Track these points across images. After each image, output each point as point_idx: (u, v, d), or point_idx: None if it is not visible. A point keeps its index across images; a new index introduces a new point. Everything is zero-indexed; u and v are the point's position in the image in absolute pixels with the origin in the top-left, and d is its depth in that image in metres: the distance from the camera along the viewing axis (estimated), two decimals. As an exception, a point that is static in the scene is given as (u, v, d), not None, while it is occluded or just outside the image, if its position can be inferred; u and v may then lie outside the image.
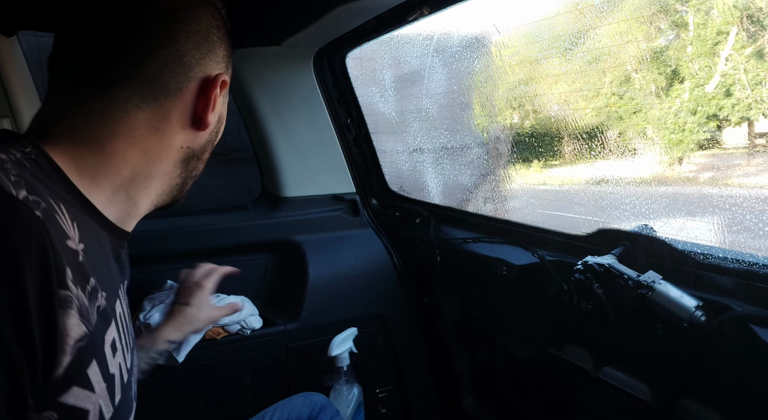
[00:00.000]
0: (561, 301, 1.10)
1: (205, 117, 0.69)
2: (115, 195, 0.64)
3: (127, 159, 0.65)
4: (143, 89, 0.65)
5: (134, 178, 0.66)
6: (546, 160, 1.56)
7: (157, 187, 0.69)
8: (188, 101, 0.68)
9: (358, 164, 1.78)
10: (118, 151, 0.64)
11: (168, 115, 0.67)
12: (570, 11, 1.31)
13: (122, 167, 0.64)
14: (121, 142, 0.64)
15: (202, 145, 0.72)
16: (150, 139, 0.66)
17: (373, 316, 1.63)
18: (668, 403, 0.96)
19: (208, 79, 0.69)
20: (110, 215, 0.64)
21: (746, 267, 0.88)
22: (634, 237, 1.06)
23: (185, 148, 0.70)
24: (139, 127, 0.65)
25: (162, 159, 0.68)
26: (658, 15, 1.19)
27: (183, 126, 0.68)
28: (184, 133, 0.69)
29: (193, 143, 0.71)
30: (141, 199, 0.68)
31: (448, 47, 1.69)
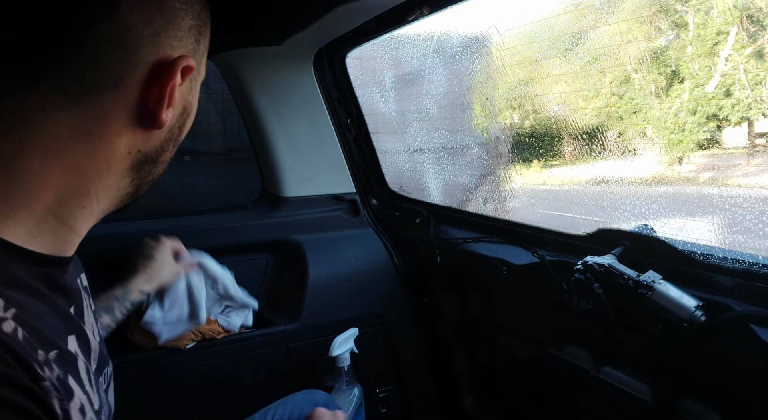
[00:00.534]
0: (561, 301, 1.10)
1: (159, 114, 0.52)
2: (40, 224, 0.49)
3: (47, 180, 0.48)
4: (67, 81, 0.48)
5: (64, 200, 0.50)
6: (546, 160, 1.56)
7: (98, 203, 0.53)
8: (134, 93, 0.51)
9: (358, 164, 1.79)
10: (32, 171, 0.47)
11: (105, 115, 0.50)
12: (570, 11, 1.31)
13: (42, 191, 0.48)
14: (36, 158, 0.47)
15: (157, 146, 0.56)
16: (79, 149, 0.49)
17: (373, 316, 1.63)
18: (668, 403, 0.96)
19: (164, 64, 0.51)
20: (39, 248, 0.49)
21: (746, 267, 0.88)
22: (634, 237, 1.06)
23: (134, 153, 0.54)
24: (62, 135, 0.48)
25: (100, 172, 0.51)
26: (658, 15, 1.19)
27: (127, 125, 0.52)
28: (129, 135, 0.52)
29: (144, 145, 0.54)
30: (78, 222, 0.52)
31: (448, 47, 1.69)
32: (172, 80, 0.51)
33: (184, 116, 0.59)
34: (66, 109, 0.48)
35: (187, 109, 0.59)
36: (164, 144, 0.57)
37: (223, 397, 1.42)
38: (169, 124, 0.55)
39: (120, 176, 0.54)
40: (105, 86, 0.49)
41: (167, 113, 0.53)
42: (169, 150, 0.59)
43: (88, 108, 0.49)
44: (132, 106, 0.51)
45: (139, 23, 0.49)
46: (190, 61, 0.53)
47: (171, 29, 0.52)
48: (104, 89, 0.49)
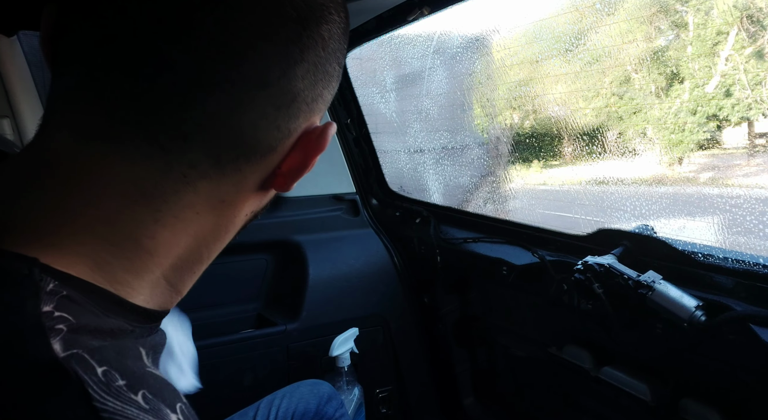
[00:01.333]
0: (561, 301, 1.10)
1: (294, 181, 0.46)
2: (153, 289, 0.44)
3: (171, 250, 0.43)
4: (221, 149, 0.40)
5: (179, 266, 0.45)
6: (546, 161, 1.56)
7: (205, 265, 0.48)
8: (276, 161, 0.44)
9: (358, 164, 1.79)
10: (161, 244, 0.42)
11: (243, 182, 0.44)
12: (570, 11, 1.31)
13: (164, 259, 0.43)
14: (167, 231, 0.42)
15: (266, 204, 0.51)
16: (209, 218, 0.44)
17: (373, 316, 1.63)
18: (668, 403, 0.96)
19: (313, 132, 0.45)
20: (152, 307, 0.44)
21: (746, 267, 0.88)
22: (634, 237, 1.06)
23: (250, 215, 0.49)
24: (196, 204, 0.42)
25: (218, 237, 0.46)
26: (658, 15, 1.19)
27: (257, 190, 0.46)
28: (254, 199, 0.47)
29: (258, 206, 0.49)
30: (185, 286, 0.48)
31: (448, 47, 1.69)
32: (320, 151, 0.45)
33: None
34: (209, 177, 0.41)
35: None
36: (269, 201, 0.51)
37: (223, 397, 1.42)
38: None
39: (230, 238, 0.49)
40: (256, 155, 0.42)
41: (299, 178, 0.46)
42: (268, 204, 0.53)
43: (230, 176, 0.42)
44: (269, 173, 0.45)
45: (307, 89, 0.42)
46: (335, 128, 0.46)
47: (326, 94, 0.45)
48: (254, 157, 0.42)
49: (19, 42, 1.42)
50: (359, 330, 1.51)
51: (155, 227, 0.41)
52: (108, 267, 0.39)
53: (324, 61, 0.43)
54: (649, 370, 1.02)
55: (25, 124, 1.42)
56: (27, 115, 1.42)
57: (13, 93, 1.39)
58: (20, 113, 1.41)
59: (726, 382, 0.90)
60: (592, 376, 1.10)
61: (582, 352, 1.13)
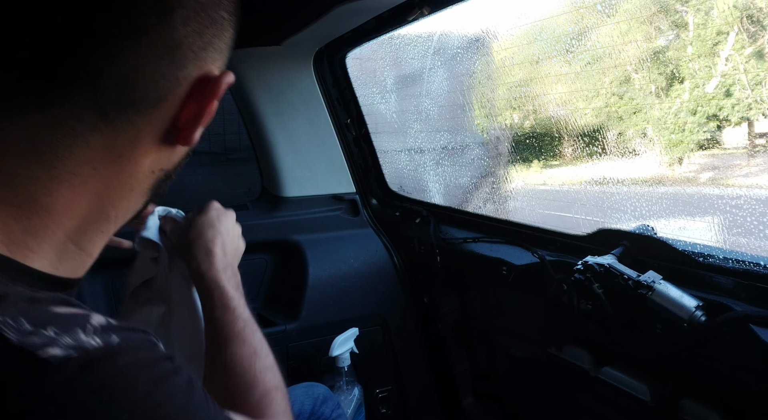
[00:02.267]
0: (561, 301, 1.10)
1: (192, 133, 0.47)
2: (61, 254, 0.45)
3: (72, 209, 0.44)
4: (107, 99, 0.41)
5: (84, 227, 0.46)
6: (546, 161, 1.56)
7: (115, 226, 0.49)
8: (171, 111, 0.45)
9: (358, 164, 1.79)
10: (60, 202, 0.42)
11: (138, 135, 0.45)
12: (570, 12, 1.31)
13: (67, 220, 0.44)
14: (64, 187, 0.42)
15: (176, 163, 0.51)
16: (107, 174, 0.44)
17: (373, 316, 1.63)
18: (668, 403, 0.96)
19: (207, 80, 0.46)
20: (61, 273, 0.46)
21: (746, 267, 0.88)
22: (634, 237, 1.06)
23: (157, 172, 0.49)
24: (92, 159, 0.43)
25: (122, 195, 0.47)
26: (658, 15, 1.19)
27: (156, 144, 0.46)
28: (155, 153, 0.47)
29: (167, 163, 0.49)
30: (96, 247, 0.48)
31: (448, 48, 1.69)
32: (214, 99, 0.46)
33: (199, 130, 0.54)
34: (99, 130, 0.42)
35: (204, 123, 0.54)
36: (183, 159, 0.52)
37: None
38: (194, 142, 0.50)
39: (139, 197, 0.49)
40: (145, 105, 0.43)
41: (199, 131, 0.48)
42: (183, 163, 0.54)
43: (122, 129, 0.43)
44: (165, 125, 0.46)
45: (191, 36, 0.43)
46: (232, 78, 0.48)
47: (217, 42, 0.46)
48: (143, 108, 0.43)
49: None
50: (359, 330, 1.50)
51: (51, 184, 0.42)
52: (7, 229, 0.41)
53: (206, 7, 0.43)
54: (649, 371, 1.02)
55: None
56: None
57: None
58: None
59: (726, 382, 0.90)
60: (591, 377, 1.10)
61: (582, 352, 1.13)
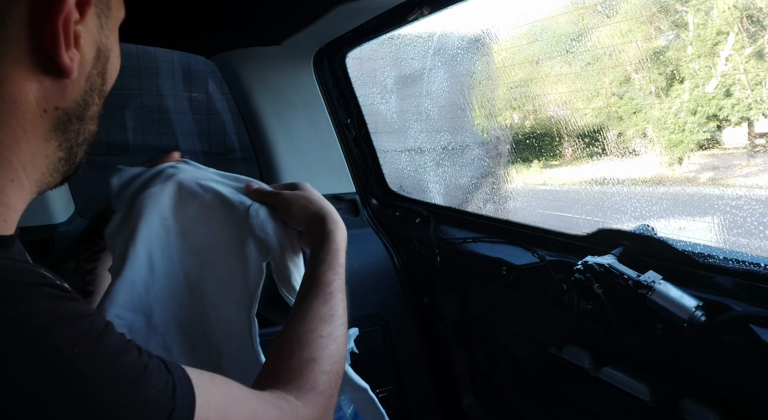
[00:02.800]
0: (561, 301, 1.10)
1: (59, 58, 0.44)
2: None
3: None
4: None
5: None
6: (546, 161, 1.56)
7: (27, 174, 0.47)
8: (21, 33, 0.43)
9: (358, 164, 1.78)
10: None
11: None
12: (570, 12, 1.31)
13: None
14: None
15: (78, 100, 0.49)
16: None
17: (373, 316, 1.63)
18: (668, 403, 0.96)
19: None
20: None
21: (746, 267, 0.88)
22: (634, 237, 1.06)
23: (51, 111, 0.46)
24: None
25: (17, 138, 0.45)
26: (658, 15, 1.19)
27: (31, 74, 0.44)
28: (37, 86, 0.45)
29: (61, 100, 0.47)
30: (10, 197, 0.46)
31: (449, 48, 1.69)
32: (60, 14, 0.43)
33: (102, 61, 0.50)
34: None
35: (102, 51, 0.50)
36: (86, 96, 0.49)
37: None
38: (84, 71, 0.48)
39: (43, 140, 0.47)
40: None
41: (70, 55, 0.44)
42: (95, 102, 0.51)
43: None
44: (25, 52, 0.43)
45: None
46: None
47: None
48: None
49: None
50: (359, 330, 1.50)
51: None
52: None
53: None
54: (649, 371, 1.02)
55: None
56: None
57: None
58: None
59: (726, 382, 0.90)
60: (591, 377, 1.10)
61: (582, 352, 1.13)
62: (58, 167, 0.50)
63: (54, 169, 0.49)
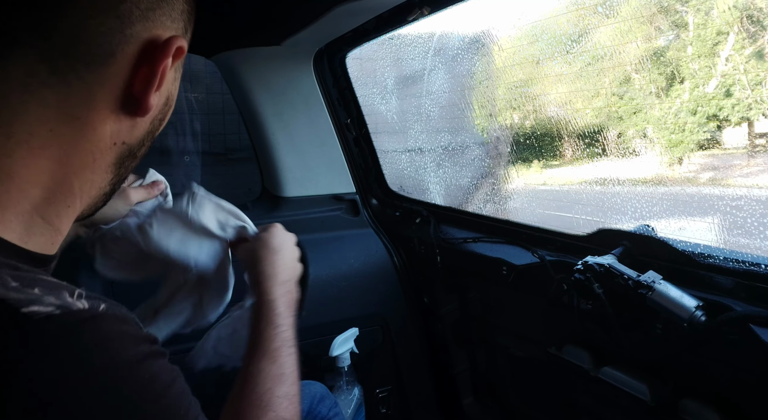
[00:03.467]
0: (561, 301, 1.10)
1: (146, 98, 0.48)
2: (29, 227, 0.45)
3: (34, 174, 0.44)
4: (54, 52, 0.42)
5: (50, 199, 0.46)
6: (546, 161, 1.56)
7: (81, 202, 0.49)
8: (123, 72, 0.46)
9: (358, 164, 1.78)
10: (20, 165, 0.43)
11: (92, 96, 0.45)
12: (570, 12, 1.31)
13: (30, 188, 0.44)
14: (23, 148, 0.42)
15: (140, 138, 0.52)
16: (65, 137, 0.45)
17: (373, 316, 1.63)
18: (668, 403, 0.96)
19: (156, 43, 0.47)
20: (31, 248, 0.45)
21: (746, 267, 0.88)
22: (634, 237, 1.05)
23: (119, 145, 0.49)
24: (48, 119, 0.43)
25: (85, 165, 0.47)
26: (658, 15, 1.19)
27: (113, 110, 0.47)
28: (114, 121, 0.48)
29: (129, 136, 0.50)
30: (63, 223, 0.48)
31: (449, 48, 1.69)
32: (164, 60, 0.47)
33: (167, 107, 0.54)
34: (52, 87, 0.43)
35: (169, 100, 0.54)
36: (146, 136, 0.53)
37: (222, 398, 1.42)
38: (152, 113, 0.51)
39: (103, 172, 0.50)
40: (95, 61, 0.44)
41: (155, 97, 0.48)
42: (147, 145, 0.54)
43: (75, 87, 0.44)
44: (119, 88, 0.47)
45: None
46: (183, 43, 0.49)
47: (165, 7, 0.48)
48: (93, 64, 0.44)
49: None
50: (359, 330, 1.50)
51: (9, 144, 0.42)
52: None
53: None
54: (649, 370, 1.02)
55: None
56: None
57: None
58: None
59: (726, 382, 0.90)
60: (591, 377, 1.10)
61: (582, 352, 1.13)
62: (98, 202, 0.52)
63: (95, 202, 0.52)
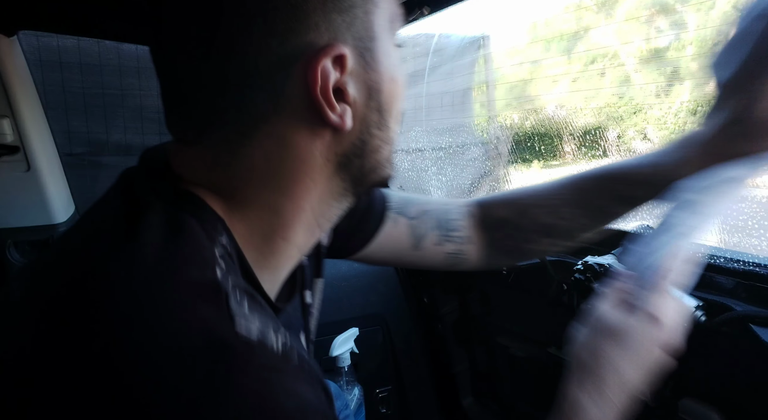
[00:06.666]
0: (561, 301, 1.10)
1: (327, 119, 0.46)
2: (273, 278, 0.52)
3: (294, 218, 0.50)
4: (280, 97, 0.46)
5: (267, 234, 0.49)
6: (546, 161, 1.56)
7: (316, 215, 0.51)
8: (297, 103, 0.46)
9: (358, 164, 1.78)
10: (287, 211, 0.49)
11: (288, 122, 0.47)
12: (570, 11, 1.31)
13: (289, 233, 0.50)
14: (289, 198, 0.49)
15: (353, 142, 0.50)
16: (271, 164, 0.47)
17: (372, 316, 1.63)
18: (668, 403, 0.96)
19: (308, 57, 0.44)
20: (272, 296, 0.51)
21: (746, 267, 0.88)
22: (634, 237, 1.05)
23: (333, 158, 0.49)
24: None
25: (308, 189, 0.49)
26: (658, 15, 1.19)
27: (312, 133, 0.47)
28: (319, 141, 0.48)
29: (339, 148, 0.49)
30: (301, 238, 0.52)
31: (448, 47, 1.69)
32: (316, 85, 0.44)
33: (376, 96, 0.49)
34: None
35: (374, 88, 0.49)
36: (362, 136, 0.50)
37: None
38: (359, 116, 0.48)
39: (327, 182, 0.50)
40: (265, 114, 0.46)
41: (337, 113, 0.46)
42: (373, 136, 0.51)
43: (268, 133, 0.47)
44: (305, 119, 0.46)
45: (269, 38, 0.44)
46: (340, 49, 0.45)
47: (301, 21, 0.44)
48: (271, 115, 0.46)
49: (18, 42, 1.42)
50: (359, 330, 1.50)
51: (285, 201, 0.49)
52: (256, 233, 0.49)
53: None
54: (649, 370, 1.02)
55: (25, 124, 1.42)
56: (27, 115, 1.42)
57: (13, 93, 1.39)
58: (20, 113, 1.40)
59: (726, 382, 0.90)
60: (592, 376, 1.10)
61: (582, 352, 1.13)
62: (348, 192, 0.53)
63: (339, 199, 0.53)
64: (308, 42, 0.44)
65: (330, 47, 0.44)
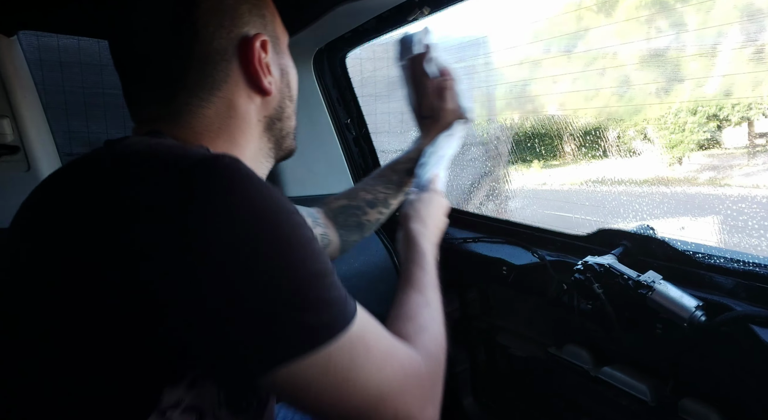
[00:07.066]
0: (561, 301, 1.10)
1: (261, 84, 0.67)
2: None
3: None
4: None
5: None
6: (546, 160, 1.56)
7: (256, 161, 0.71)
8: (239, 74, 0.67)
9: (358, 164, 1.78)
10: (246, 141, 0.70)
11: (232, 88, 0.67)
12: (570, 11, 1.31)
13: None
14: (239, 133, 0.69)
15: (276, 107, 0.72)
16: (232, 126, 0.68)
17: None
18: (668, 403, 0.96)
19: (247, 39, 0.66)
20: None
21: (746, 267, 0.88)
22: (634, 237, 1.06)
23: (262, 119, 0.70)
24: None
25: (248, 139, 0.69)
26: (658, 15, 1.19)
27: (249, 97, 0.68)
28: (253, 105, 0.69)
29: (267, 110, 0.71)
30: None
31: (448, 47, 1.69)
32: (254, 58, 0.66)
33: (285, 76, 0.73)
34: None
35: (283, 69, 0.72)
36: (281, 103, 0.72)
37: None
38: (277, 87, 0.70)
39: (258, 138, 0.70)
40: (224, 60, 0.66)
41: (268, 81, 0.67)
42: (287, 105, 0.73)
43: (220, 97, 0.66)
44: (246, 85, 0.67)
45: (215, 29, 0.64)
46: (263, 36, 0.67)
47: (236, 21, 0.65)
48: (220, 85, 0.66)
49: (18, 42, 1.42)
50: (359, 330, 1.50)
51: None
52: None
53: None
54: (649, 370, 1.02)
55: (24, 123, 1.42)
56: (27, 115, 1.42)
57: (13, 93, 1.39)
58: (20, 113, 1.41)
59: (726, 382, 0.90)
60: (591, 376, 1.10)
61: (582, 352, 1.13)
62: (271, 154, 0.74)
63: (267, 158, 0.74)
64: (245, 32, 0.66)
65: (258, 34, 0.66)
